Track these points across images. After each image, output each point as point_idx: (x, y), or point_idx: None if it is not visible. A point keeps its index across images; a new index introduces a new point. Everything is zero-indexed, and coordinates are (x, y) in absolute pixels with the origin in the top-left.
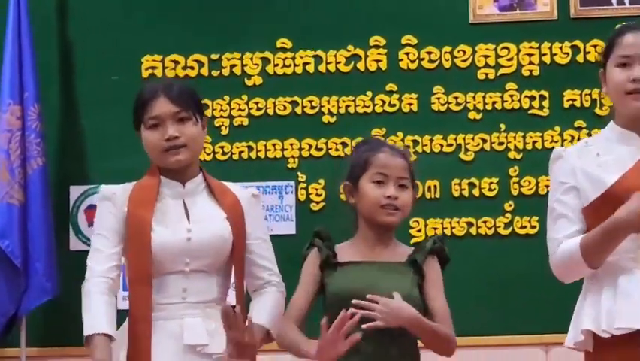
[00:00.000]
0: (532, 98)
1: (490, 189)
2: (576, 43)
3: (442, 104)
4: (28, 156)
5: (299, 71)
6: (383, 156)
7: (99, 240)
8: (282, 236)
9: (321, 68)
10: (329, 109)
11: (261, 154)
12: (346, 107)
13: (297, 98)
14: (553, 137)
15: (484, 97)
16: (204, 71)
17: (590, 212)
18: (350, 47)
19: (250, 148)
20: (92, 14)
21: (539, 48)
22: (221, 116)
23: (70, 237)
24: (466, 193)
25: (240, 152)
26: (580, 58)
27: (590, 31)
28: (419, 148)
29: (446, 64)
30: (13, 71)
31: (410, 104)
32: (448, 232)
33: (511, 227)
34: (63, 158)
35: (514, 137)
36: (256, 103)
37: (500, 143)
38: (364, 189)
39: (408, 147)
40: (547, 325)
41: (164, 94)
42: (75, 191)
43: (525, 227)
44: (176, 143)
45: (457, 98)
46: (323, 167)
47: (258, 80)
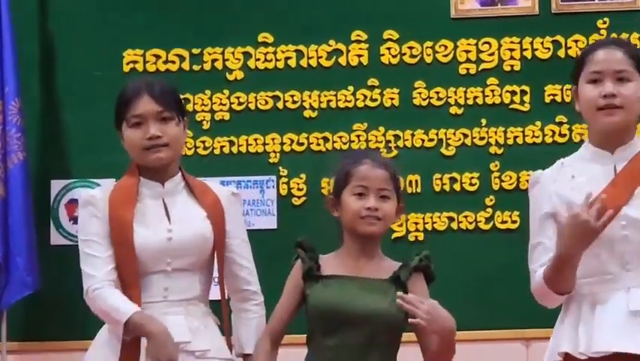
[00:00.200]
0: (513, 93)
1: (472, 184)
2: (557, 38)
3: (424, 99)
4: (8, 150)
5: (280, 65)
6: (364, 168)
7: (91, 246)
8: (263, 231)
9: (303, 62)
10: (310, 104)
11: (243, 149)
12: (328, 101)
13: (278, 92)
14: (534, 132)
15: (465, 92)
16: (185, 66)
17: None
18: (331, 41)
19: (231, 143)
20: (73, 8)
21: (520, 43)
22: (203, 110)
23: (52, 231)
24: (447, 188)
25: (222, 146)
26: (561, 53)
27: (571, 27)
28: (400, 143)
29: (427, 59)
30: None
31: (392, 99)
32: (429, 227)
33: (492, 222)
34: (44, 152)
35: (495, 132)
36: (237, 98)
37: (481, 138)
38: (346, 202)
39: (389, 141)
40: (528, 320)
41: (147, 92)
42: (56, 185)
43: (506, 222)
44: (158, 142)
45: (438, 93)
46: (304, 162)
47: (239, 75)
